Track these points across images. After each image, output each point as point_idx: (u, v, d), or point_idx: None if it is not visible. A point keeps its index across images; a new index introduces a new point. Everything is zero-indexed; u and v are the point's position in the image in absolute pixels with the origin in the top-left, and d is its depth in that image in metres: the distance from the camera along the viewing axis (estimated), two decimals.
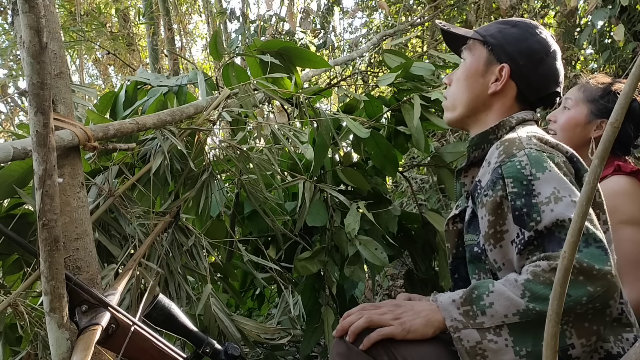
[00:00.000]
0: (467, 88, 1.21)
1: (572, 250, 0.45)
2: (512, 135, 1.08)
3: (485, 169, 1.06)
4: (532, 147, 1.01)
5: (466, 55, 1.24)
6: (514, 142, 1.03)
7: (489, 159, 1.06)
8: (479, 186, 1.06)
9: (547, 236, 0.94)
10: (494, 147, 1.07)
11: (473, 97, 1.20)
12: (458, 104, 1.23)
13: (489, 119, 1.20)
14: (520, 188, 0.97)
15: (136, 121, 1.45)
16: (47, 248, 0.87)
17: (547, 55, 1.18)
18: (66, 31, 5.05)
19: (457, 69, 1.26)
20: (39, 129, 0.82)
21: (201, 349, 1.04)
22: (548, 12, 4.91)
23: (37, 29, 0.76)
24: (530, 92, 1.19)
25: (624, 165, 1.46)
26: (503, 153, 1.02)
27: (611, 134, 0.42)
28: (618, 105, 0.41)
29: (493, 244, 1.00)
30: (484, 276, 1.08)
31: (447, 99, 1.27)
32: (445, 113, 1.28)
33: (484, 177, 1.05)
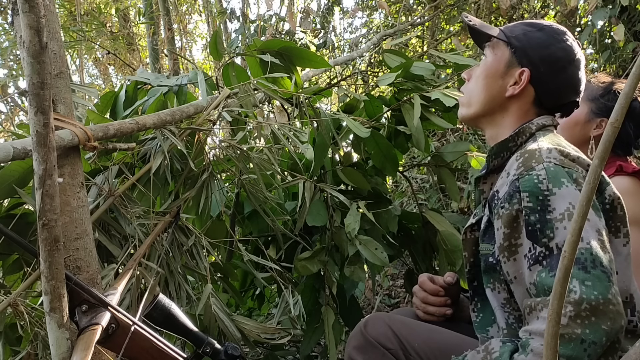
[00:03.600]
0: (485, 87, 1.19)
1: (572, 250, 0.45)
2: (533, 146, 1.06)
3: (503, 180, 1.05)
4: (552, 160, 0.99)
5: (488, 53, 1.22)
6: (534, 155, 1.01)
7: (509, 169, 1.05)
8: (496, 197, 1.04)
9: (556, 255, 0.93)
10: (514, 158, 1.06)
11: (490, 97, 1.19)
12: (474, 102, 1.21)
13: (505, 121, 1.19)
14: (535, 203, 0.96)
15: (136, 121, 1.45)
16: (47, 248, 0.87)
17: (570, 64, 1.15)
18: (66, 31, 5.05)
19: (478, 65, 1.25)
20: (39, 129, 0.82)
21: (201, 349, 1.04)
22: (548, 12, 4.91)
23: (37, 29, 0.76)
24: (548, 99, 1.17)
25: (625, 166, 1.46)
26: (522, 165, 1.01)
27: (611, 134, 0.42)
28: (618, 105, 0.41)
29: (507, 256, 1.00)
30: (499, 286, 1.08)
31: (464, 94, 1.25)
32: (460, 108, 1.26)
33: (502, 188, 1.04)
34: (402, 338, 1.16)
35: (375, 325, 1.20)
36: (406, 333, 1.17)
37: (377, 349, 1.16)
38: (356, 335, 1.21)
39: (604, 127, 1.56)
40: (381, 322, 1.21)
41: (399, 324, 1.19)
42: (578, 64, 1.17)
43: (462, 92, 1.27)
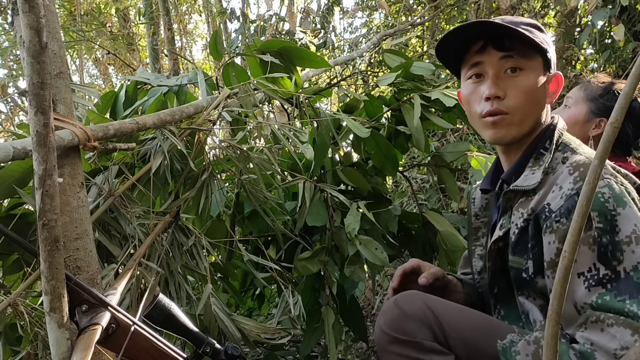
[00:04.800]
0: (536, 102, 1.13)
1: (572, 250, 0.45)
2: (581, 158, 1.04)
3: (555, 194, 1.01)
4: (611, 177, 0.97)
5: (525, 65, 1.12)
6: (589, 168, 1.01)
7: (561, 183, 1.01)
8: (547, 209, 1.01)
9: (624, 280, 0.90)
10: (566, 172, 1.02)
11: (539, 110, 1.15)
12: (527, 119, 1.13)
13: (538, 127, 1.17)
14: (605, 224, 0.93)
15: (136, 121, 1.45)
16: (47, 248, 0.87)
17: None
18: (66, 31, 5.05)
19: (508, 80, 1.13)
20: (39, 129, 0.82)
21: (201, 349, 1.04)
22: (548, 12, 4.91)
23: (37, 29, 0.76)
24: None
25: (625, 166, 1.47)
26: (580, 180, 0.97)
27: (611, 134, 0.42)
28: (618, 106, 0.41)
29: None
30: (534, 294, 1.08)
31: (510, 113, 1.13)
32: (508, 129, 1.14)
33: (554, 202, 1.00)
34: (437, 313, 1.11)
35: (409, 300, 1.14)
36: (441, 309, 1.12)
37: (415, 322, 1.09)
38: (389, 310, 1.13)
39: (603, 127, 1.57)
40: (416, 298, 1.15)
41: (433, 300, 1.14)
42: None
43: (503, 110, 1.15)
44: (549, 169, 1.08)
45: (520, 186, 1.09)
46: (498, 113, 1.12)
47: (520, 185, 1.09)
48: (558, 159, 1.09)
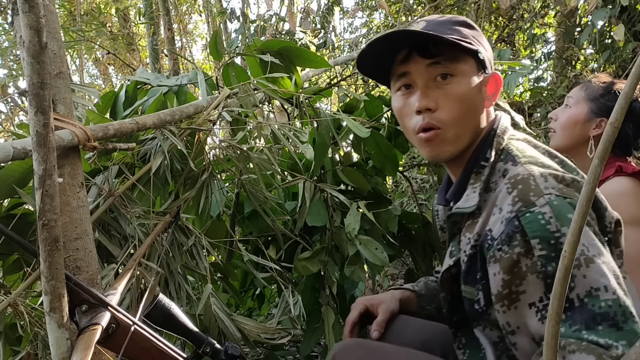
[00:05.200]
0: (472, 110, 1.03)
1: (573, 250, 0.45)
2: (519, 170, 0.91)
3: (496, 217, 0.90)
4: (552, 192, 0.86)
5: (455, 70, 1.02)
6: (529, 185, 0.87)
7: (500, 204, 0.90)
8: (489, 236, 0.90)
9: (578, 308, 0.81)
10: (505, 191, 0.90)
11: (478, 118, 1.04)
12: (463, 131, 1.03)
13: (478, 136, 1.05)
14: (549, 250, 0.83)
15: (136, 121, 1.45)
16: (47, 248, 0.87)
17: None
18: (66, 31, 5.05)
19: (439, 89, 1.01)
20: (39, 129, 0.82)
21: (201, 349, 1.04)
22: (548, 12, 4.91)
23: (37, 29, 0.76)
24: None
25: (625, 166, 1.46)
26: (519, 200, 0.86)
27: (611, 134, 0.42)
28: (618, 106, 0.41)
29: (507, 305, 0.87)
30: (490, 326, 0.98)
31: (443, 128, 1.03)
32: (443, 146, 1.04)
33: (495, 227, 0.89)
34: None
35: (346, 356, 1.08)
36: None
37: None
38: None
39: (603, 127, 1.57)
40: (353, 353, 1.09)
41: (375, 352, 1.07)
42: None
43: (429, 124, 1.04)
44: (490, 183, 0.97)
45: (462, 208, 0.98)
46: (431, 128, 1.00)
47: (461, 207, 0.98)
48: (500, 170, 0.96)
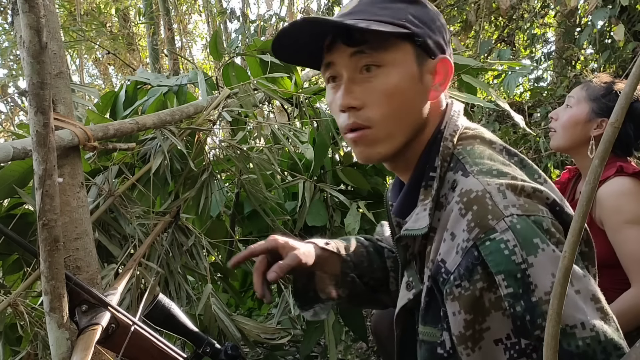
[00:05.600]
0: (406, 105, 0.86)
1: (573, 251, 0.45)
2: (471, 184, 0.76)
3: (448, 245, 0.75)
4: (513, 212, 0.71)
5: (382, 59, 0.85)
6: (485, 205, 0.72)
7: (452, 228, 0.75)
8: (443, 269, 0.75)
9: None
10: (457, 212, 0.75)
11: (416, 114, 0.87)
12: (397, 130, 0.86)
13: (424, 136, 0.89)
14: (516, 286, 0.69)
15: (136, 121, 1.45)
16: (47, 248, 0.87)
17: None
18: (66, 31, 5.05)
19: (364, 83, 0.85)
20: (39, 129, 0.82)
21: (201, 349, 1.04)
22: (548, 12, 4.91)
23: (37, 29, 0.76)
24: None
25: (626, 167, 1.46)
26: (475, 226, 0.71)
27: (611, 134, 0.42)
28: (618, 106, 0.41)
29: (471, 347, 0.73)
30: None
31: (373, 126, 0.86)
32: (374, 147, 0.88)
33: (449, 258, 0.74)
34: None
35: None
36: None
37: None
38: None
39: (604, 127, 1.56)
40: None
41: None
42: None
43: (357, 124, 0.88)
44: (440, 198, 0.81)
45: (411, 230, 0.82)
46: (358, 128, 0.85)
47: (410, 229, 0.82)
48: (449, 181, 0.81)
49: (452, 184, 0.80)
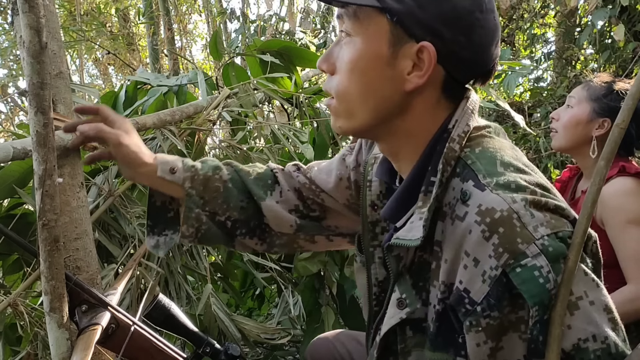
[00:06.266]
0: (367, 84, 0.74)
1: (577, 252, 0.45)
2: (492, 200, 0.66)
3: (471, 271, 0.66)
4: (543, 233, 0.64)
5: (353, 29, 0.75)
6: (513, 228, 0.64)
7: (474, 253, 0.66)
8: (467, 299, 0.67)
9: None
10: (479, 235, 0.66)
11: (381, 100, 0.75)
12: (357, 108, 0.76)
13: (407, 125, 0.77)
14: (542, 313, 0.64)
15: (136, 121, 1.45)
16: (47, 248, 0.87)
17: (482, 10, 0.72)
18: (66, 31, 5.06)
19: (340, 49, 0.77)
20: (39, 129, 0.82)
21: (201, 349, 1.04)
22: (548, 12, 4.91)
23: (37, 29, 0.76)
24: (466, 73, 0.76)
25: (628, 167, 1.47)
26: (504, 251, 0.64)
27: (617, 135, 0.42)
28: (625, 107, 0.41)
29: None
30: None
31: (335, 98, 0.78)
32: (336, 119, 0.80)
33: (473, 287, 0.66)
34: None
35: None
36: None
37: None
38: None
39: (606, 127, 1.56)
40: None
41: None
42: (490, 3, 0.74)
43: (326, 89, 0.80)
44: (444, 207, 0.73)
45: (404, 239, 0.72)
46: (329, 95, 0.80)
47: (403, 238, 0.72)
48: (456, 190, 0.72)
49: (461, 195, 0.70)
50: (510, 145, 0.78)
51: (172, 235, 1.00)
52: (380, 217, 0.90)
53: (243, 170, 1.03)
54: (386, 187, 0.91)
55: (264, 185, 1.02)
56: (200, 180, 0.98)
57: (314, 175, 1.03)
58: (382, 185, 0.91)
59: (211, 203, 0.98)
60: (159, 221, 1.00)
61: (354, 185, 0.98)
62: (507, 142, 0.79)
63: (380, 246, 0.90)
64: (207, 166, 1.00)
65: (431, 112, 0.76)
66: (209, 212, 0.98)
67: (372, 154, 0.94)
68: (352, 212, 1.01)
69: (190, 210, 0.97)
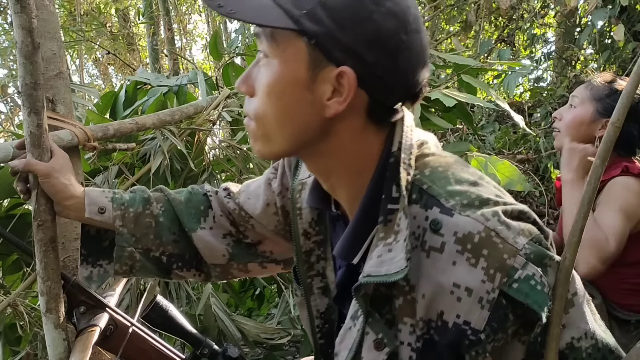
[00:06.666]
0: (285, 110, 0.70)
1: (574, 252, 0.45)
2: (465, 224, 0.64)
3: (467, 302, 0.63)
4: (522, 241, 0.63)
5: (270, 51, 0.70)
6: (495, 246, 0.63)
7: (465, 282, 0.63)
8: (469, 331, 0.64)
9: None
10: (464, 262, 0.64)
11: (300, 125, 0.70)
12: (274, 132, 0.72)
13: (333, 149, 0.72)
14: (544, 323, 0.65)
15: (136, 121, 1.44)
16: (43, 249, 0.87)
17: (407, 31, 0.67)
18: (66, 31, 5.06)
19: (258, 70, 0.73)
20: (32, 130, 0.82)
21: (199, 351, 1.03)
22: (548, 12, 4.90)
23: (29, 29, 0.76)
24: (391, 98, 0.71)
25: (631, 167, 1.46)
26: (495, 271, 0.62)
27: (612, 133, 0.41)
28: (620, 105, 0.41)
29: None
30: None
31: (254, 121, 0.73)
32: (254, 142, 0.76)
33: (471, 315, 0.64)
34: None
35: None
36: None
37: None
38: None
39: None
40: None
41: None
42: (416, 23, 0.68)
43: (247, 114, 0.75)
44: (417, 241, 0.67)
45: (377, 275, 0.66)
46: (247, 116, 0.76)
47: (376, 274, 0.66)
48: (418, 218, 0.68)
49: (431, 224, 0.66)
50: (453, 158, 0.76)
51: (106, 266, 0.97)
52: (313, 246, 0.88)
53: (175, 200, 0.99)
54: (318, 213, 0.88)
55: (197, 213, 0.99)
56: (130, 218, 0.94)
57: (242, 201, 1.00)
58: (314, 212, 0.88)
59: (143, 240, 0.96)
60: (93, 250, 0.97)
61: (282, 211, 0.96)
62: (449, 156, 0.76)
63: (318, 275, 0.88)
64: (138, 200, 0.97)
65: (359, 136, 0.72)
66: (142, 248, 0.96)
67: (299, 180, 0.90)
68: (282, 238, 0.99)
69: (123, 250, 0.94)
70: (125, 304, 1.43)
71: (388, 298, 0.68)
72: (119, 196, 0.95)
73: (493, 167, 1.88)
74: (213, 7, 0.67)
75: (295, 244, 0.89)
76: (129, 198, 0.96)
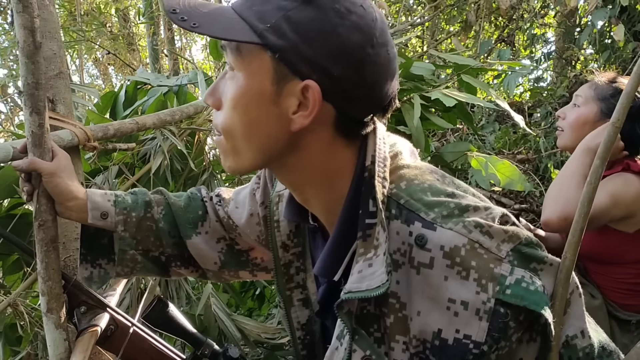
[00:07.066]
0: (252, 124, 0.69)
1: (574, 252, 0.45)
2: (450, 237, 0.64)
3: (465, 316, 0.63)
4: (505, 248, 0.64)
5: (235, 64, 0.70)
6: (480, 256, 0.63)
7: (460, 296, 0.63)
8: (471, 344, 0.63)
9: None
10: (455, 276, 0.64)
11: (267, 139, 0.70)
12: (243, 149, 0.71)
13: (302, 163, 0.72)
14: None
15: (136, 121, 1.45)
16: (44, 249, 0.87)
17: (373, 45, 0.67)
18: (66, 31, 5.06)
19: (225, 83, 0.72)
20: (34, 129, 0.82)
21: (200, 351, 1.03)
22: (548, 12, 4.91)
23: (31, 29, 0.76)
24: (359, 110, 0.70)
25: (633, 164, 1.46)
26: (487, 281, 0.63)
27: (613, 133, 0.42)
28: (620, 106, 0.41)
29: None
30: None
31: (222, 135, 0.73)
32: (224, 157, 0.75)
33: (471, 329, 0.63)
34: None
35: None
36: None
37: None
38: None
39: None
40: None
41: None
42: (382, 37, 0.68)
43: (213, 125, 0.76)
44: (393, 254, 0.67)
45: (359, 291, 0.66)
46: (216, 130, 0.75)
47: (357, 290, 0.66)
48: (401, 234, 0.67)
49: (417, 239, 0.66)
50: (429, 169, 0.76)
51: (106, 266, 0.99)
52: (292, 258, 0.89)
53: (175, 205, 1.01)
54: (296, 225, 0.88)
55: (194, 218, 1.01)
56: (133, 222, 0.96)
57: (230, 209, 1.01)
58: (291, 225, 0.88)
59: (144, 242, 0.98)
60: (91, 247, 0.98)
61: (264, 222, 0.96)
62: (424, 166, 0.76)
63: (298, 287, 0.89)
64: (140, 204, 0.98)
65: (328, 149, 0.71)
66: (142, 250, 0.98)
67: (276, 192, 0.90)
68: (264, 248, 1.00)
69: (124, 253, 0.97)
70: (126, 304, 1.43)
71: (376, 317, 0.68)
72: (121, 199, 0.97)
73: (493, 167, 1.88)
74: (175, 20, 0.66)
75: (274, 255, 0.89)
76: (131, 202, 0.98)
